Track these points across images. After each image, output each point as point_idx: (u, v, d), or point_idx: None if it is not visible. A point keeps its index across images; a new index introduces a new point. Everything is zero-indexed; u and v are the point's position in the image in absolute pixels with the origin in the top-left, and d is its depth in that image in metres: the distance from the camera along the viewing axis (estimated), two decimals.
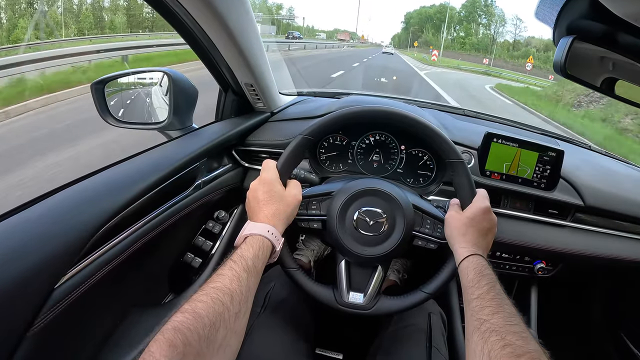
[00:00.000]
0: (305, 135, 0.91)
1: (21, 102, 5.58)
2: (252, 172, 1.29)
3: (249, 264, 0.68)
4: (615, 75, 0.72)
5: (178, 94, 1.10)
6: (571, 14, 0.61)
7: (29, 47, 10.62)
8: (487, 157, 1.14)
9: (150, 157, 0.96)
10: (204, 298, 0.59)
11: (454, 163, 0.90)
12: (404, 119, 0.93)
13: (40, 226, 0.66)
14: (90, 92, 1.08)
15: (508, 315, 0.62)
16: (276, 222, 0.79)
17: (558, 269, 1.25)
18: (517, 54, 50.29)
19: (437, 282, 0.90)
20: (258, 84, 1.20)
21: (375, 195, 0.91)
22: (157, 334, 0.52)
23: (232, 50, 1.05)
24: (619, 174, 1.35)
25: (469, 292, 0.71)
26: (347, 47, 47.13)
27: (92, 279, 0.72)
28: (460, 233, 0.83)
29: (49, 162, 3.70)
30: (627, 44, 0.61)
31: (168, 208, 0.94)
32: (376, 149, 1.21)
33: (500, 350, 0.56)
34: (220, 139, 1.12)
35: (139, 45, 10.57)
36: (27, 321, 0.62)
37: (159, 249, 1.02)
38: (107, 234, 0.75)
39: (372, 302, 0.91)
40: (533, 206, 1.19)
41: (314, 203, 0.94)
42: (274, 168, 0.86)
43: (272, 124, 1.34)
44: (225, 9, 0.92)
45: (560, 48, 0.64)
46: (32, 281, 0.61)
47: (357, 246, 0.90)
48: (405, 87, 13.42)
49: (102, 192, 0.78)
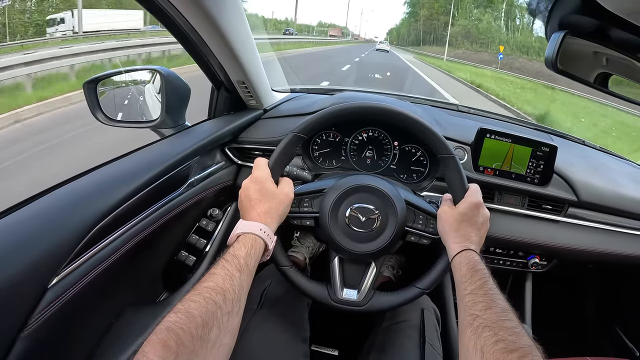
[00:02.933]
0: (297, 133, 0.90)
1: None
2: (245, 170, 1.28)
3: (242, 263, 0.68)
4: (608, 71, 0.73)
5: (170, 92, 1.09)
6: (563, 9, 0.61)
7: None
8: (481, 152, 1.14)
9: (142, 156, 0.96)
10: (196, 298, 0.59)
11: (445, 158, 0.90)
12: (396, 115, 0.92)
13: (33, 226, 0.66)
14: (83, 91, 1.07)
15: (501, 310, 0.63)
16: (268, 220, 0.79)
17: (552, 264, 1.25)
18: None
19: (431, 278, 0.91)
20: (250, 81, 1.20)
21: (367, 192, 0.91)
22: (150, 335, 0.52)
23: (223, 48, 1.05)
24: (612, 169, 1.35)
25: (461, 288, 0.71)
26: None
27: (86, 278, 0.72)
28: (452, 228, 0.83)
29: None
30: (619, 39, 0.62)
31: (161, 206, 0.93)
32: (369, 146, 1.21)
33: (492, 345, 0.56)
34: (212, 137, 1.12)
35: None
36: (20, 322, 0.61)
37: (152, 247, 1.01)
38: (100, 233, 0.74)
39: (366, 299, 0.91)
40: (527, 201, 1.19)
41: (306, 200, 0.93)
42: (265, 166, 0.86)
43: (264, 121, 1.34)
44: (215, 7, 0.91)
45: (552, 43, 0.64)
46: (25, 281, 0.61)
47: (349, 243, 0.90)
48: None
49: (94, 191, 0.78)
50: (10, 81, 6.00)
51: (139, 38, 12.06)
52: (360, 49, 34.09)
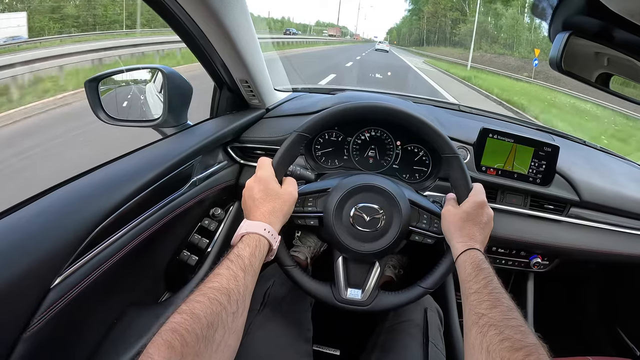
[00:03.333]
0: (300, 132, 0.90)
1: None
2: (248, 169, 1.28)
3: (246, 263, 0.68)
4: (609, 71, 0.72)
5: (172, 91, 1.09)
6: (567, 10, 0.61)
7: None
8: (483, 152, 1.14)
9: (145, 155, 0.95)
10: (201, 298, 0.59)
11: (449, 158, 0.90)
12: (399, 114, 0.92)
13: (36, 225, 0.66)
14: (84, 90, 1.07)
15: (506, 309, 0.63)
16: (273, 220, 0.79)
17: (554, 263, 1.25)
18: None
19: (435, 277, 0.91)
20: (253, 80, 1.20)
21: (371, 191, 0.91)
22: (155, 336, 0.52)
23: (226, 47, 1.05)
24: (613, 169, 1.35)
25: (466, 287, 0.71)
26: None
27: (88, 278, 0.72)
28: (457, 227, 0.83)
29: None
30: (622, 40, 0.61)
31: (164, 206, 0.93)
32: (372, 145, 1.21)
33: (498, 344, 0.56)
34: (215, 136, 1.11)
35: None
36: (22, 322, 0.61)
37: (154, 247, 1.01)
38: (102, 233, 0.74)
39: (370, 298, 0.91)
40: (529, 201, 1.19)
41: (310, 200, 0.93)
42: (269, 165, 0.86)
43: (267, 120, 1.34)
44: (221, 6, 0.91)
45: (556, 44, 0.63)
46: (27, 282, 0.61)
47: (354, 242, 0.90)
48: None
49: (97, 191, 0.77)
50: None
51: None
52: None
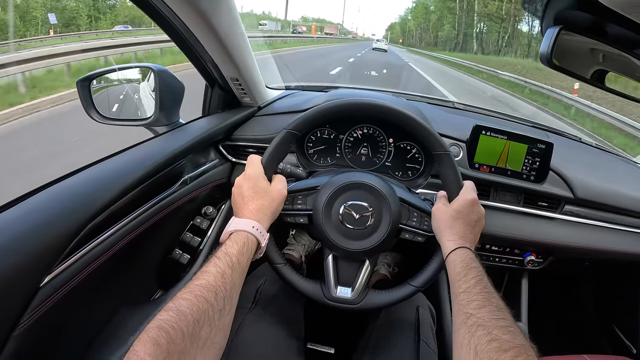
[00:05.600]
0: (290, 130, 0.90)
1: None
2: (240, 167, 1.28)
3: (234, 261, 0.68)
4: (605, 67, 0.72)
5: (164, 90, 1.08)
6: (558, 4, 0.61)
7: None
8: (476, 149, 1.14)
9: (136, 154, 0.95)
10: (187, 296, 0.59)
11: (440, 155, 0.90)
12: (389, 111, 0.92)
13: (25, 224, 0.66)
14: (76, 89, 1.06)
15: (495, 309, 0.62)
16: (261, 217, 0.79)
17: (548, 261, 1.25)
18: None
19: (425, 276, 0.90)
20: (244, 78, 1.19)
21: (361, 189, 0.91)
22: (141, 333, 0.52)
23: (216, 46, 1.04)
24: (608, 166, 1.35)
25: (456, 286, 0.71)
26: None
27: (78, 277, 0.71)
28: (447, 226, 0.83)
29: None
30: (615, 34, 0.61)
31: (155, 204, 0.93)
32: (364, 143, 1.21)
33: (486, 344, 0.56)
34: (206, 134, 1.11)
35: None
36: (12, 321, 0.61)
37: (146, 245, 1.01)
38: (92, 231, 0.74)
39: (360, 297, 0.90)
40: (523, 198, 1.19)
41: (300, 197, 0.93)
42: (258, 163, 0.86)
43: (259, 118, 1.33)
44: (208, 6, 0.91)
45: (546, 38, 0.63)
46: (17, 280, 0.61)
47: (343, 240, 0.89)
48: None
49: (88, 189, 0.77)
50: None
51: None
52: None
